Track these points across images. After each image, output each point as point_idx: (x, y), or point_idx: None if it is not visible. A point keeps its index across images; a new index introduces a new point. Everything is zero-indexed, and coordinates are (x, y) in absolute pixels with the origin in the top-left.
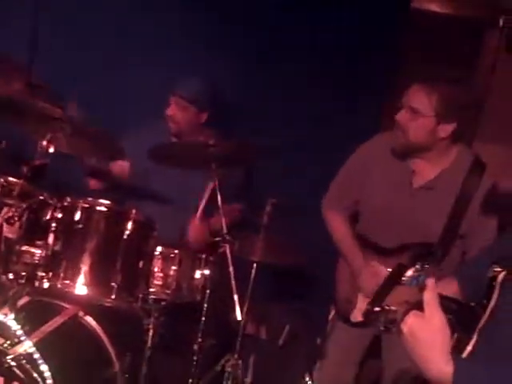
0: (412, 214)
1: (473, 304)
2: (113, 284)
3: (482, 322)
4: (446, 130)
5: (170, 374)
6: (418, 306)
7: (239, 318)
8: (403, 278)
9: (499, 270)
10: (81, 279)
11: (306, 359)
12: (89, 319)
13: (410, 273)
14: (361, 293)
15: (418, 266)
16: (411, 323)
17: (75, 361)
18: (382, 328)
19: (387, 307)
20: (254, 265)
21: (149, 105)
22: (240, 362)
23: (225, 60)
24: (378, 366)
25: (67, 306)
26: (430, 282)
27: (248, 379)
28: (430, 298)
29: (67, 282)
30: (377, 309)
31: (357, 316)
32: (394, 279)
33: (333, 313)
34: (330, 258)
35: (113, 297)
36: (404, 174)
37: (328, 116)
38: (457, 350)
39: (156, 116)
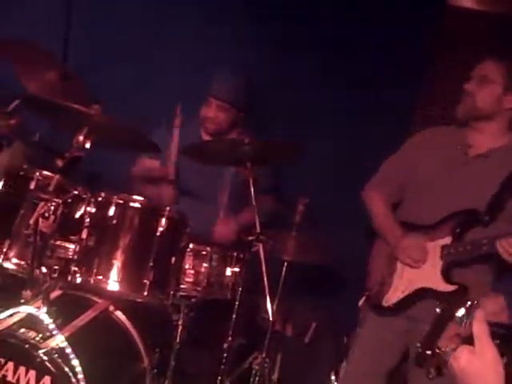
0: (463, 182)
1: None
2: (145, 281)
3: None
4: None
5: (198, 371)
6: (469, 340)
7: (271, 318)
8: (457, 317)
9: None
10: (113, 275)
11: (331, 357)
12: (119, 314)
13: (462, 311)
14: (397, 274)
15: (469, 304)
16: (462, 359)
17: (105, 356)
18: (432, 374)
19: (439, 350)
20: (285, 264)
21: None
22: (267, 360)
23: (255, 54)
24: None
25: (98, 300)
26: (480, 313)
27: (275, 376)
28: (480, 330)
29: (100, 277)
30: (428, 352)
31: (390, 297)
32: (446, 319)
33: (362, 300)
34: (357, 256)
35: (145, 294)
36: (459, 147)
37: (361, 115)
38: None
39: (187, 114)
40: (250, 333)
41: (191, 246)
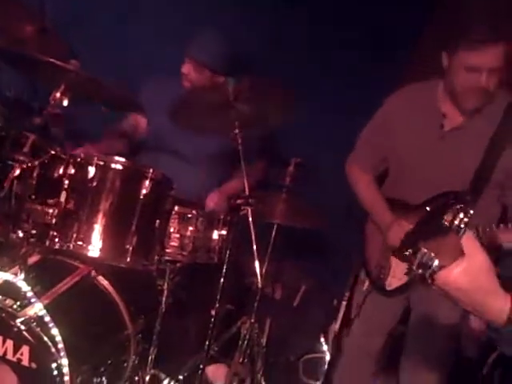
0: (442, 159)
1: None
2: (127, 246)
3: None
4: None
5: (185, 336)
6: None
7: (260, 283)
8: (445, 222)
9: None
10: (94, 241)
11: (321, 320)
12: (101, 279)
13: (450, 215)
14: (393, 259)
15: (460, 211)
16: (451, 274)
17: (87, 323)
18: (417, 272)
19: (422, 249)
20: (275, 227)
21: (164, 60)
22: (256, 325)
23: (245, 14)
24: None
25: (79, 265)
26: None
27: (263, 340)
28: (468, 238)
29: (80, 243)
30: (409, 251)
31: (392, 283)
32: (428, 220)
33: (367, 284)
34: (349, 220)
35: (127, 260)
36: (433, 119)
37: (354, 76)
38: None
39: (173, 72)
40: (238, 297)
41: (176, 208)
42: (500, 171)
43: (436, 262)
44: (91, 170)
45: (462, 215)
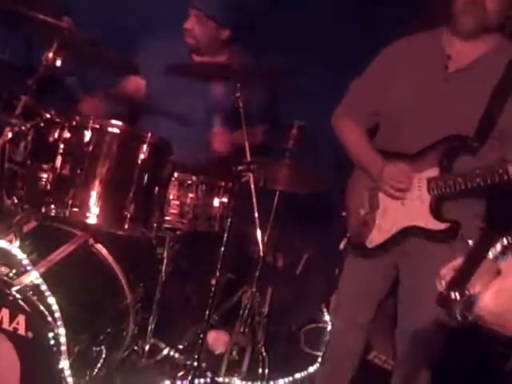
0: (445, 102)
1: None
2: (126, 213)
3: None
4: None
5: (185, 305)
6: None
7: (261, 252)
8: (491, 253)
9: None
10: (91, 207)
11: (323, 289)
12: (99, 247)
13: (499, 247)
14: (379, 212)
15: (507, 240)
16: (483, 299)
17: (84, 292)
18: (458, 318)
19: (469, 292)
20: (277, 193)
21: (165, 19)
22: (257, 293)
23: None
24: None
25: (77, 232)
26: None
27: (265, 309)
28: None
29: (76, 209)
30: (456, 295)
31: (374, 238)
32: (481, 253)
33: (343, 242)
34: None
35: (125, 227)
36: (437, 60)
37: (360, 39)
38: None
39: (173, 32)
40: (240, 266)
41: (176, 175)
42: (504, 118)
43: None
44: (87, 134)
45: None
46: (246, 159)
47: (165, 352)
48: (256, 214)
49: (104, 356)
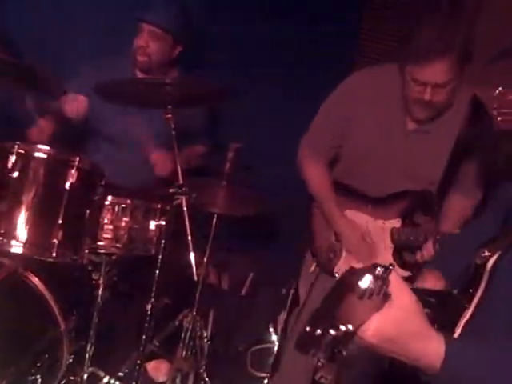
0: (406, 159)
1: (455, 292)
2: (54, 241)
3: (468, 315)
4: None
5: (124, 332)
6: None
7: (195, 278)
8: (359, 287)
9: (488, 254)
10: (17, 236)
11: (269, 309)
12: (30, 275)
13: (368, 280)
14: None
15: (380, 270)
16: (372, 326)
17: (16, 322)
18: (322, 359)
19: (332, 331)
20: (215, 217)
21: (105, 35)
22: (198, 317)
23: None
24: None
25: (5, 261)
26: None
27: (208, 333)
28: (395, 280)
29: (1, 238)
30: (318, 332)
31: (341, 268)
32: (345, 288)
33: (314, 266)
34: (294, 206)
35: (53, 255)
36: (397, 112)
37: (298, 58)
38: None
39: (114, 50)
40: (181, 289)
41: (110, 198)
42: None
43: (350, 327)
44: (11, 159)
45: (379, 283)
46: (178, 182)
47: (105, 380)
48: (189, 237)
49: None
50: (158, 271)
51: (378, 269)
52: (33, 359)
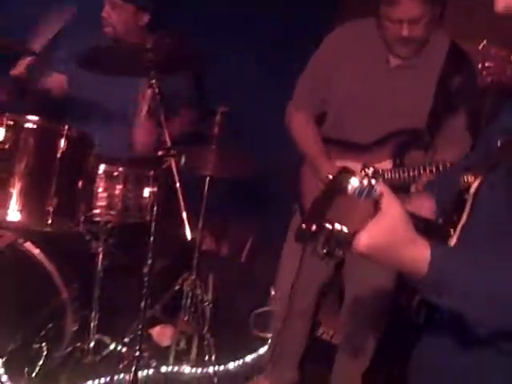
0: (392, 97)
1: (441, 221)
2: (48, 208)
3: (453, 242)
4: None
5: (124, 298)
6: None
7: (189, 236)
8: (349, 187)
9: (471, 179)
10: (12, 205)
11: (269, 274)
12: (29, 246)
13: (356, 180)
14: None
15: (368, 171)
16: (367, 236)
17: (19, 292)
18: (321, 252)
19: (328, 225)
20: (207, 179)
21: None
22: (198, 280)
23: None
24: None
25: (4, 232)
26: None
27: (209, 297)
28: (384, 190)
29: None
30: (314, 227)
31: None
32: (336, 187)
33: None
34: (288, 167)
35: (49, 222)
36: (379, 53)
37: (284, 21)
38: None
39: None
40: (177, 254)
41: (102, 167)
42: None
43: (345, 229)
44: (1, 132)
45: (368, 178)
46: (167, 145)
47: (111, 347)
48: (180, 197)
49: (45, 353)
50: (152, 236)
51: (367, 170)
52: (37, 328)
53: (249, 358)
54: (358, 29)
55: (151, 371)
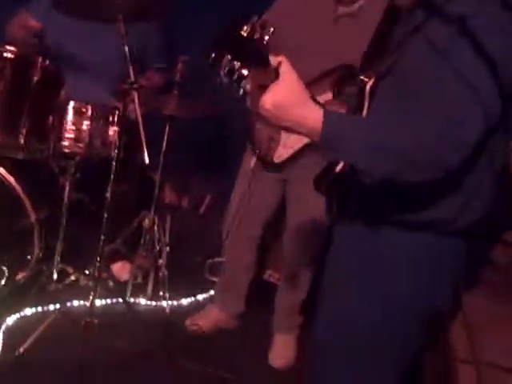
0: (335, 41)
1: None
2: (22, 130)
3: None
4: None
5: (87, 231)
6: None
7: (147, 160)
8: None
9: (365, 79)
10: None
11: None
12: (2, 172)
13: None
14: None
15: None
16: (270, 93)
17: None
18: (224, 78)
19: (227, 56)
20: (168, 119)
21: None
22: (157, 219)
23: None
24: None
25: None
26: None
27: (166, 238)
28: (284, 64)
29: None
30: (213, 55)
31: (281, 154)
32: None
33: (253, 161)
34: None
35: (21, 141)
36: (328, 4)
37: None
38: None
39: None
40: (138, 187)
41: (72, 103)
42: None
43: (245, 72)
44: None
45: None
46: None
47: (72, 277)
48: (140, 126)
49: (6, 275)
50: (114, 170)
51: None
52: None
53: (201, 297)
54: None
55: (109, 301)
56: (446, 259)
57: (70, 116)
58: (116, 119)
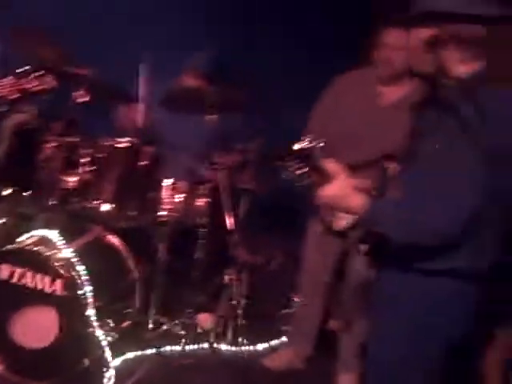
0: (379, 130)
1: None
2: (129, 204)
3: None
4: None
5: (177, 287)
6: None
7: (229, 225)
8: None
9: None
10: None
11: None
12: (111, 237)
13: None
14: None
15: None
16: (327, 188)
17: (103, 267)
18: (290, 174)
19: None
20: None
21: None
22: (234, 274)
23: None
24: None
25: (94, 225)
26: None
27: (243, 292)
28: (330, 165)
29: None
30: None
31: (339, 224)
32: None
33: (320, 228)
34: None
35: (129, 213)
36: (372, 96)
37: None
38: None
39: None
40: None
41: (169, 181)
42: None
43: (304, 170)
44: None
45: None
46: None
47: (165, 326)
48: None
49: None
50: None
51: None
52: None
53: (273, 343)
54: (360, 76)
55: (196, 346)
56: (458, 301)
57: (166, 191)
58: (203, 192)
